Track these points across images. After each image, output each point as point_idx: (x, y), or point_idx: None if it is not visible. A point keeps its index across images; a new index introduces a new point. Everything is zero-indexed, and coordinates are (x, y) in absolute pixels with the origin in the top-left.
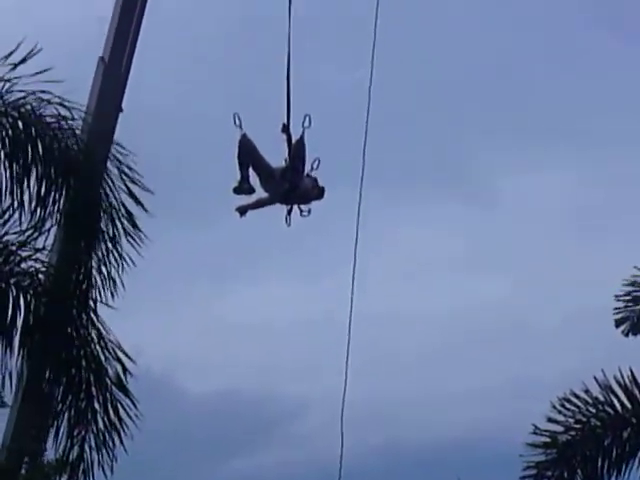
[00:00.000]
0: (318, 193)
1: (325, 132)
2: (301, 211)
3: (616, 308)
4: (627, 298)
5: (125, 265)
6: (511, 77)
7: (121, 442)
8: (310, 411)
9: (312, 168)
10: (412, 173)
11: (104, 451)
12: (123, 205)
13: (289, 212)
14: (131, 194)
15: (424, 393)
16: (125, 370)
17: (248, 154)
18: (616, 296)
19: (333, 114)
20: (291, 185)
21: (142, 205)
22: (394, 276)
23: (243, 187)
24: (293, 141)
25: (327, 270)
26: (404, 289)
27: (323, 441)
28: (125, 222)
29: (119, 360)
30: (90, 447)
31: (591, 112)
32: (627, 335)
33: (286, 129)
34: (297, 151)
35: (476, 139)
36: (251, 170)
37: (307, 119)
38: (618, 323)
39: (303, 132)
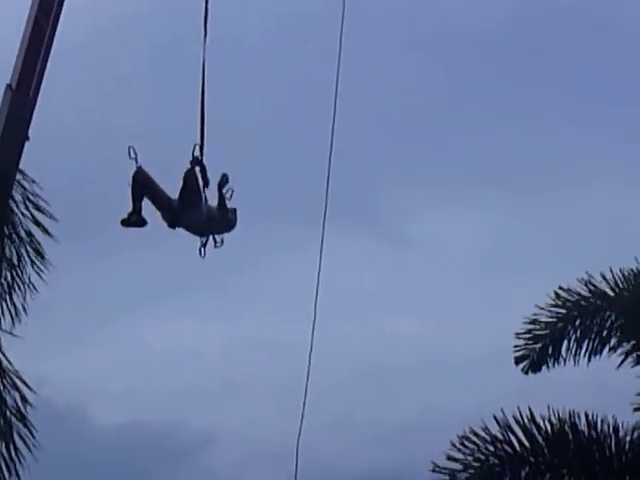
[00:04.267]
0: (227, 222)
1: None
2: (215, 242)
3: (516, 346)
4: (527, 336)
5: (30, 293)
6: (433, 114)
7: (17, 474)
8: (218, 443)
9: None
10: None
11: None
12: (28, 233)
13: (204, 244)
14: (36, 221)
15: (333, 427)
16: (24, 400)
17: (142, 187)
18: (516, 334)
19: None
20: (174, 214)
21: (47, 232)
22: (305, 313)
23: (131, 219)
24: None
25: (237, 302)
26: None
27: (230, 474)
28: (30, 249)
29: (18, 389)
30: None
31: (512, 153)
32: (527, 373)
33: (198, 161)
34: (185, 180)
35: (390, 177)
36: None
37: (197, 148)
38: (518, 361)
39: (193, 161)
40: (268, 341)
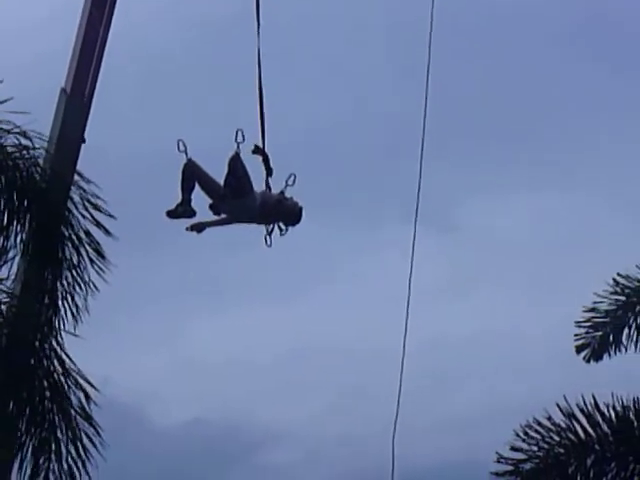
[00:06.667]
0: (288, 212)
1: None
2: (280, 230)
3: (577, 335)
4: (587, 324)
5: (90, 292)
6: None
7: (86, 471)
8: (281, 442)
9: (287, 184)
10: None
11: None
12: (87, 233)
13: (269, 232)
14: (95, 221)
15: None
16: (89, 399)
17: (191, 179)
18: (576, 322)
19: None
20: (219, 201)
21: (108, 232)
22: (372, 304)
23: (178, 210)
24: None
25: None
26: (385, 320)
27: (293, 472)
28: (90, 249)
29: (83, 389)
30: (55, 477)
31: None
32: (588, 361)
33: (259, 149)
34: (230, 167)
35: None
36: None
37: (240, 134)
38: (579, 349)
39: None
40: (331, 345)
